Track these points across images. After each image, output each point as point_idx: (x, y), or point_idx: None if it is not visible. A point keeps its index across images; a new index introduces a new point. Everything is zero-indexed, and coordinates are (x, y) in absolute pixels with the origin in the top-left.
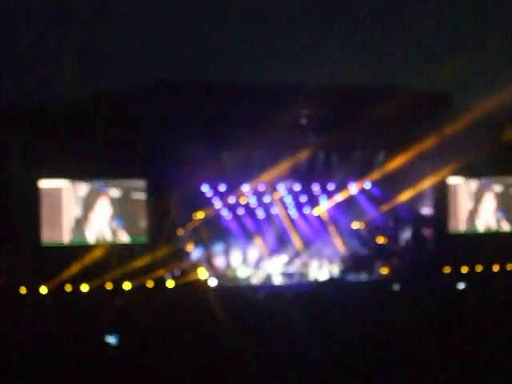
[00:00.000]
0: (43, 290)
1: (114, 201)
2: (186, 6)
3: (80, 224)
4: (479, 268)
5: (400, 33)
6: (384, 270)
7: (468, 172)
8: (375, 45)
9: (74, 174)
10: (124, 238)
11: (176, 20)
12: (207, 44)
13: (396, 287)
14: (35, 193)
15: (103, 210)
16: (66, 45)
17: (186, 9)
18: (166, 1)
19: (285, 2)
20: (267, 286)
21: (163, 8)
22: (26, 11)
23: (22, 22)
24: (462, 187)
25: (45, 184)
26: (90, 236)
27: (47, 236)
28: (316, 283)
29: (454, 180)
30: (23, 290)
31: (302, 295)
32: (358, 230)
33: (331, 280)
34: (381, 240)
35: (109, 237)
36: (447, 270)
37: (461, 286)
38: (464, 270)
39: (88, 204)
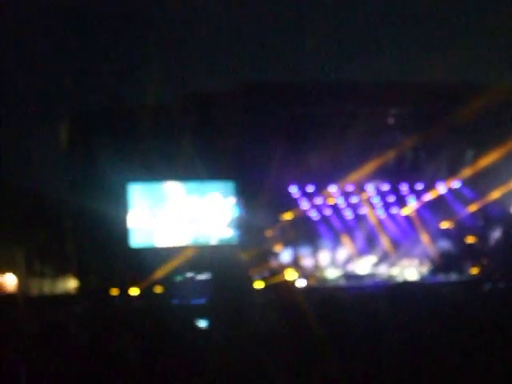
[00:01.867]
0: (134, 291)
1: (202, 202)
2: (268, 9)
3: (169, 225)
4: None
5: (490, 30)
6: (474, 270)
7: None
8: (464, 42)
9: (162, 177)
10: (213, 238)
11: (259, 22)
12: (292, 45)
13: (487, 287)
14: (124, 196)
15: (192, 212)
16: (153, 49)
17: (268, 10)
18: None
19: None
20: (356, 287)
21: (246, 10)
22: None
23: (110, 25)
24: None
25: (134, 187)
26: (180, 238)
27: (137, 238)
28: (405, 283)
29: None
30: (115, 292)
31: (390, 296)
32: (447, 229)
33: (420, 280)
34: (470, 240)
35: (198, 238)
36: None
37: None
38: None
39: (177, 205)
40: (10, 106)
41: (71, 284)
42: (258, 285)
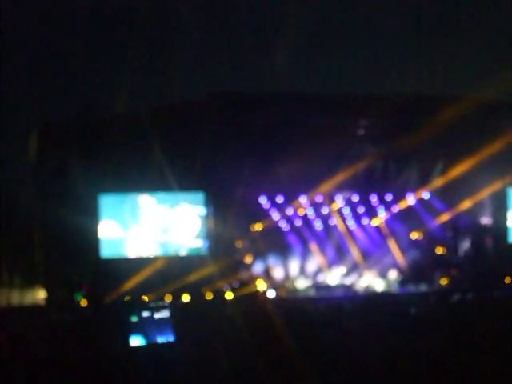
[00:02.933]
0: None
1: (172, 213)
2: (244, 19)
3: (138, 236)
4: None
5: (461, 42)
6: (443, 281)
7: None
8: (434, 53)
9: (132, 188)
10: (182, 249)
11: (234, 32)
12: (264, 56)
13: (456, 298)
14: (95, 207)
15: (162, 223)
16: (125, 59)
17: (243, 21)
18: (225, 14)
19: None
20: (325, 298)
21: (221, 21)
22: (87, 24)
23: (82, 35)
24: None
25: (104, 198)
26: (149, 249)
27: (106, 249)
28: (374, 294)
29: None
30: (84, 303)
31: (360, 307)
32: (416, 240)
33: (390, 291)
34: (440, 250)
35: (167, 249)
36: (508, 280)
37: None
38: None
39: (148, 216)
40: None
41: (40, 295)
42: (228, 296)
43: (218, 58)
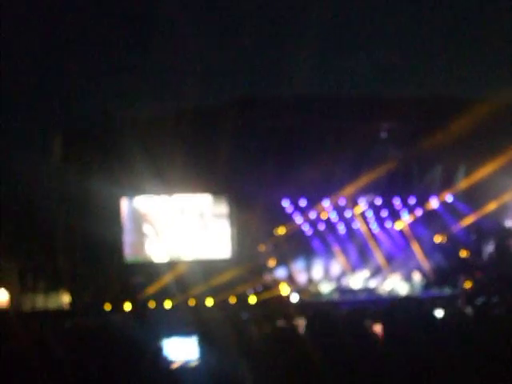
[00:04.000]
0: (127, 306)
1: (196, 217)
2: (263, 21)
3: (163, 240)
4: None
5: (486, 45)
6: (468, 284)
7: None
8: (459, 56)
9: (156, 191)
10: (207, 253)
11: (254, 36)
12: (286, 59)
13: (480, 301)
14: (118, 210)
15: (187, 226)
16: (148, 62)
17: (263, 24)
18: (248, 19)
19: (358, 17)
20: (349, 301)
21: (245, 25)
22: (110, 28)
23: (102, 39)
24: None
25: (128, 201)
26: (173, 252)
27: (130, 253)
28: (398, 298)
29: None
30: (108, 307)
31: (384, 311)
32: (440, 243)
33: (414, 295)
34: (464, 254)
35: (192, 252)
36: None
37: None
38: None
39: (171, 220)
40: (3, 119)
41: (64, 299)
42: (251, 300)
43: (240, 61)
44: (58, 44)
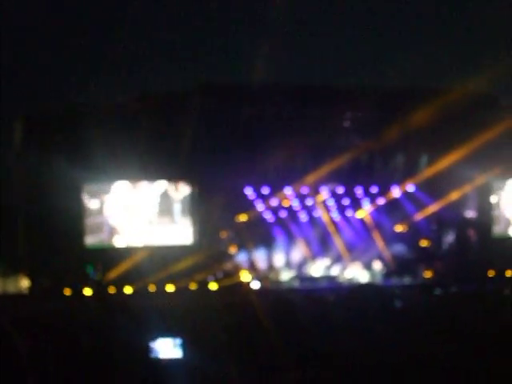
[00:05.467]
0: (87, 291)
1: (157, 203)
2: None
3: (123, 226)
4: None
5: (445, 35)
6: (427, 274)
7: None
8: (419, 47)
9: (118, 177)
10: (168, 239)
11: (219, 21)
12: (250, 46)
13: (439, 291)
14: (79, 196)
15: (147, 212)
16: (112, 46)
17: (229, 12)
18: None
19: (330, 5)
20: (309, 289)
21: (208, 11)
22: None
23: (69, 21)
24: (507, 189)
25: (88, 188)
26: (133, 238)
27: (91, 239)
28: (358, 286)
29: (498, 182)
30: (67, 292)
31: (343, 298)
32: (401, 233)
33: (373, 283)
34: (424, 243)
35: (152, 239)
36: (491, 273)
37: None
38: (509, 273)
39: (131, 206)
40: None
41: (23, 283)
42: (212, 286)
43: (205, 47)
44: (20, 26)
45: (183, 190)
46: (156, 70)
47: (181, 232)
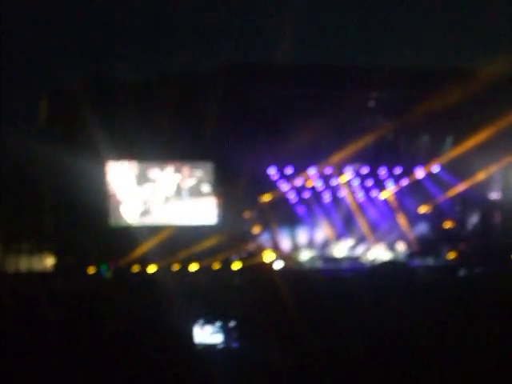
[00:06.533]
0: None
1: (182, 183)
2: None
3: (147, 205)
4: None
5: (472, 15)
6: (451, 255)
7: None
8: (445, 28)
9: (141, 156)
10: (192, 219)
11: (243, 4)
12: (274, 25)
13: (463, 272)
14: (103, 175)
15: (170, 192)
16: (132, 26)
17: None
18: None
19: None
20: (332, 269)
21: None
22: None
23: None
24: None
25: (112, 166)
26: (157, 217)
27: (115, 217)
28: (381, 266)
29: None
30: (91, 270)
31: (365, 278)
32: (425, 214)
33: (396, 263)
34: (448, 224)
35: (176, 218)
36: None
37: None
38: None
39: (155, 186)
40: None
41: (48, 261)
42: (235, 266)
43: (229, 27)
44: (45, 3)
45: (208, 170)
46: (180, 49)
47: (205, 212)
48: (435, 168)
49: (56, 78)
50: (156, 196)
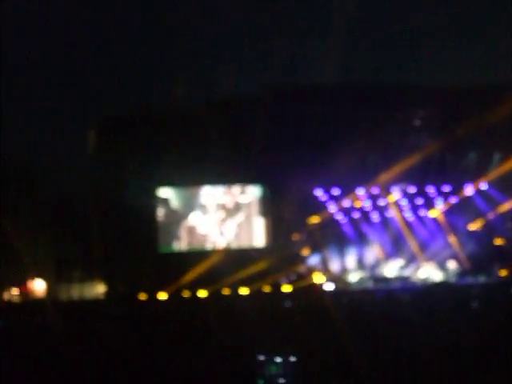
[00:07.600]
0: (162, 296)
1: (231, 206)
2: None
3: (197, 230)
4: None
5: None
6: (503, 272)
7: None
8: (493, 45)
9: (190, 181)
10: (241, 242)
11: (285, 25)
12: (318, 48)
13: None
14: (152, 201)
15: (220, 216)
16: (181, 54)
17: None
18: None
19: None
20: (383, 290)
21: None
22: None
23: (136, 31)
24: None
25: (162, 192)
26: (207, 241)
27: (164, 243)
28: (433, 286)
29: None
30: (143, 297)
31: (418, 299)
32: (475, 231)
33: (448, 283)
34: (499, 241)
35: (225, 242)
36: None
37: None
38: None
39: (205, 210)
40: (40, 109)
41: (99, 289)
42: (286, 288)
43: (271, 50)
44: (94, 32)
45: (256, 193)
46: (227, 73)
47: (254, 235)
48: (484, 185)
49: (105, 107)
50: (205, 220)
